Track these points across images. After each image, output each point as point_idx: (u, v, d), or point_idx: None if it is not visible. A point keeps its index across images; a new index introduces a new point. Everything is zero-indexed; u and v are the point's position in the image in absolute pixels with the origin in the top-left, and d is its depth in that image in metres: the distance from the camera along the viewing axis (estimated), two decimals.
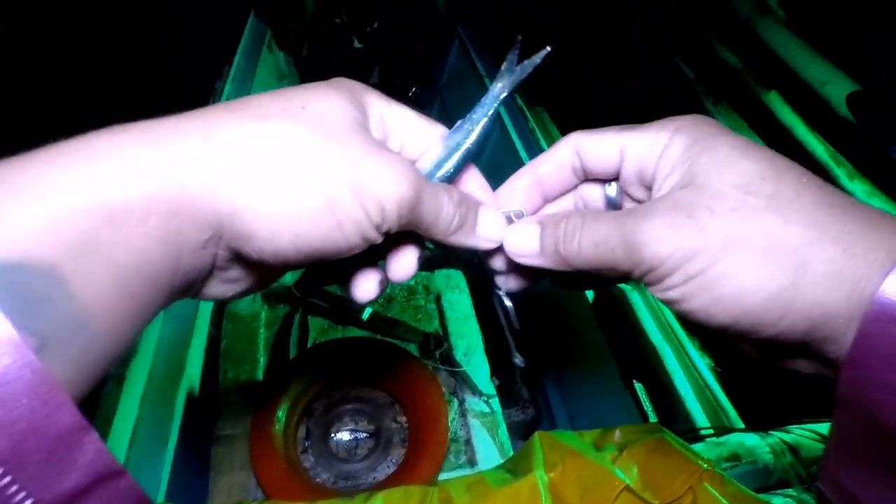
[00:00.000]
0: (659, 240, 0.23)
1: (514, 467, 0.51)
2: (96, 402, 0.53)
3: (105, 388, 0.54)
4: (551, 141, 1.09)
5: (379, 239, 0.24)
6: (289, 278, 1.04)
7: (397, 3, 1.30)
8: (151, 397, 0.58)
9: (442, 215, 0.26)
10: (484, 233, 0.29)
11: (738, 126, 1.09)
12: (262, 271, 0.25)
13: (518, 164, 1.07)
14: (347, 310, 0.80)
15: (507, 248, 0.29)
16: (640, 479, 0.47)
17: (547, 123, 1.17)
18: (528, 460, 0.50)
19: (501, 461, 0.70)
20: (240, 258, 0.23)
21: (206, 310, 0.75)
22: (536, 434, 0.53)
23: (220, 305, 0.80)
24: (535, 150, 1.07)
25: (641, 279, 0.25)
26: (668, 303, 0.24)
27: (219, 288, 0.25)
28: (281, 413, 0.64)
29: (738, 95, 1.15)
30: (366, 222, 0.22)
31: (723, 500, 0.44)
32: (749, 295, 0.22)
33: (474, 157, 0.30)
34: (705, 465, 0.46)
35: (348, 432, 0.70)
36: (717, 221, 0.22)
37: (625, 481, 0.46)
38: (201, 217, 0.20)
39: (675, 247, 0.23)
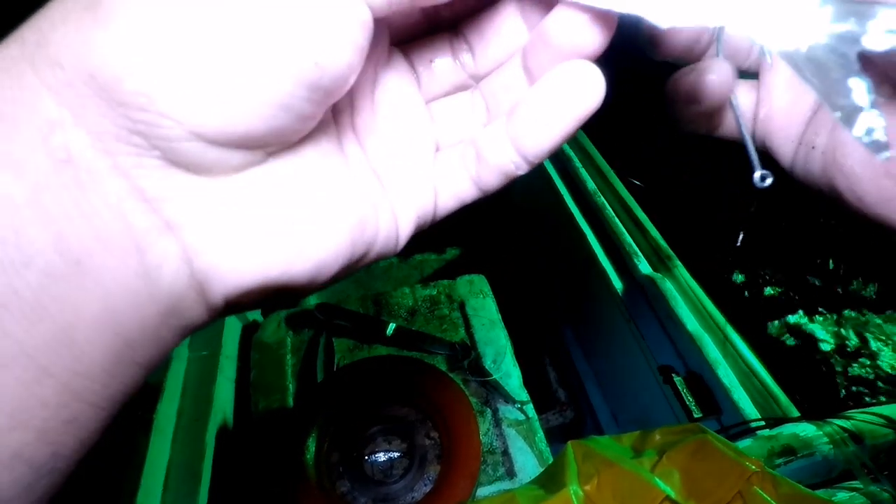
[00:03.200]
0: None
1: (547, 482, 0.48)
2: (127, 450, 0.54)
3: (135, 434, 0.55)
4: None
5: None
6: (312, 300, 1.04)
7: None
8: (182, 437, 0.59)
9: None
10: None
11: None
12: None
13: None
14: (371, 327, 0.79)
15: None
16: (683, 486, 0.43)
17: None
18: (560, 474, 0.47)
19: (541, 470, 0.68)
20: None
21: (231, 341, 0.76)
22: (569, 444, 0.50)
23: (248, 336, 0.80)
24: None
25: None
26: None
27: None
28: (311, 441, 0.64)
29: None
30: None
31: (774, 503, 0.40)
32: None
33: None
34: (754, 467, 0.42)
35: (382, 453, 0.69)
36: None
37: (665, 491, 0.42)
38: None
39: None
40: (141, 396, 0.57)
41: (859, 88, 0.15)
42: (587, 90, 0.17)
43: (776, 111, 0.23)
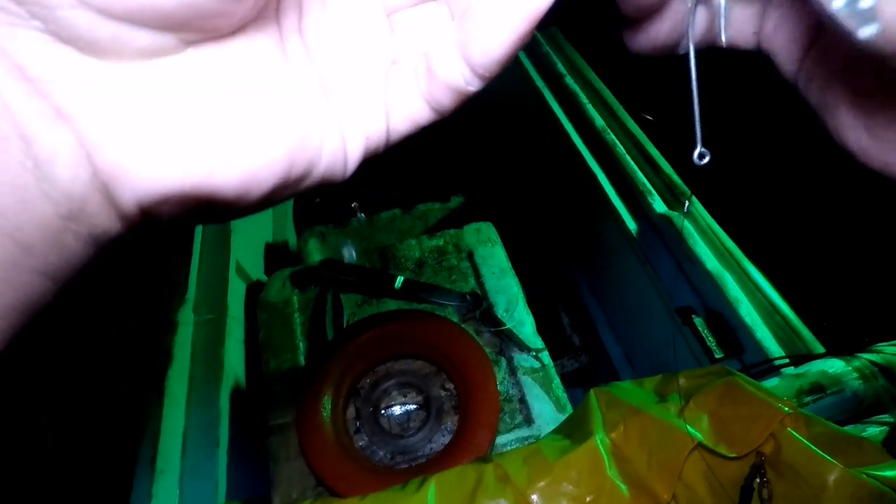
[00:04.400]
0: None
1: (572, 431, 0.48)
2: (142, 417, 0.53)
3: (148, 402, 0.54)
4: (568, 63, 0.99)
5: None
6: (317, 257, 1.02)
7: None
8: (196, 400, 0.58)
9: None
10: None
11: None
12: None
13: (534, 92, 0.99)
14: (379, 281, 0.77)
15: None
16: (712, 431, 0.42)
17: (563, 44, 1.06)
18: (586, 422, 0.46)
19: (559, 416, 0.67)
20: None
21: (237, 302, 0.74)
22: (592, 391, 0.49)
23: (253, 296, 0.78)
24: (551, 76, 0.98)
25: None
26: None
27: None
28: (326, 399, 0.63)
29: None
30: None
31: (809, 445, 0.39)
32: None
33: None
34: (787, 409, 0.41)
35: (398, 406, 0.68)
36: None
37: (696, 437, 0.41)
38: None
39: None
40: (150, 364, 0.55)
41: None
42: None
43: (778, 29, 0.19)
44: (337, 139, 0.18)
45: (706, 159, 0.20)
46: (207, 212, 0.16)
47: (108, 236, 0.15)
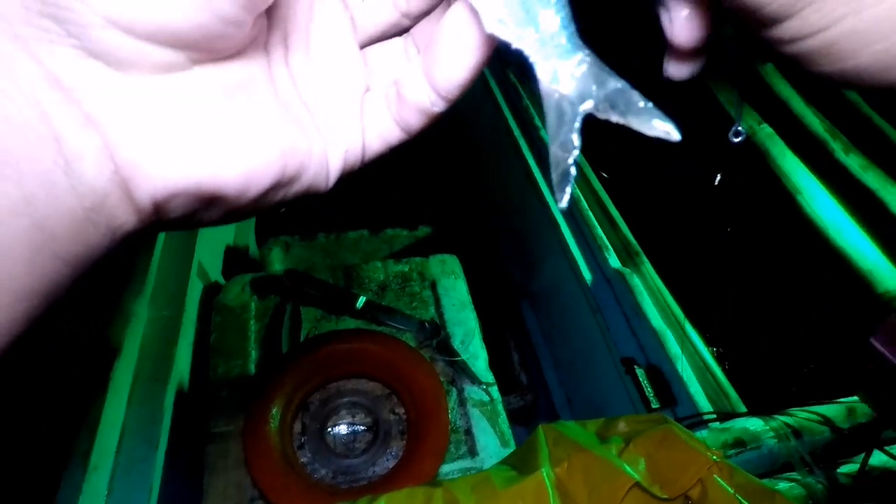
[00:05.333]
0: None
1: (519, 463, 0.50)
2: (81, 408, 0.50)
3: (90, 392, 0.51)
4: (539, 108, 1.05)
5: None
6: (278, 266, 1.01)
7: None
8: (139, 398, 0.56)
9: None
10: None
11: (733, 99, 1.06)
12: None
13: (512, 144, 1.04)
14: (341, 299, 0.77)
15: None
16: (648, 473, 0.46)
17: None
18: (533, 456, 0.49)
19: (502, 451, 0.69)
20: None
21: (192, 302, 0.72)
22: (540, 427, 0.52)
23: (209, 298, 0.77)
24: (528, 130, 1.04)
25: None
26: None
27: None
28: (275, 410, 0.62)
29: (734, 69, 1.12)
30: None
31: (731, 491, 0.43)
32: None
33: None
34: (715, 457, 0.45)
35: (345, 426, 0.68)
36: None
37: (633, 477, 0.45)
38: None
39: None
40: (97, 355, 0.53)
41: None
42: None
43: None
44: (322, 151, 0.20)
45: (741, 138, 0.22)
46: (211, 208, 0.18)
47: (124, 230, 0.17)
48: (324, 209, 1.05)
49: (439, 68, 0.19)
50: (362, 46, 0.23)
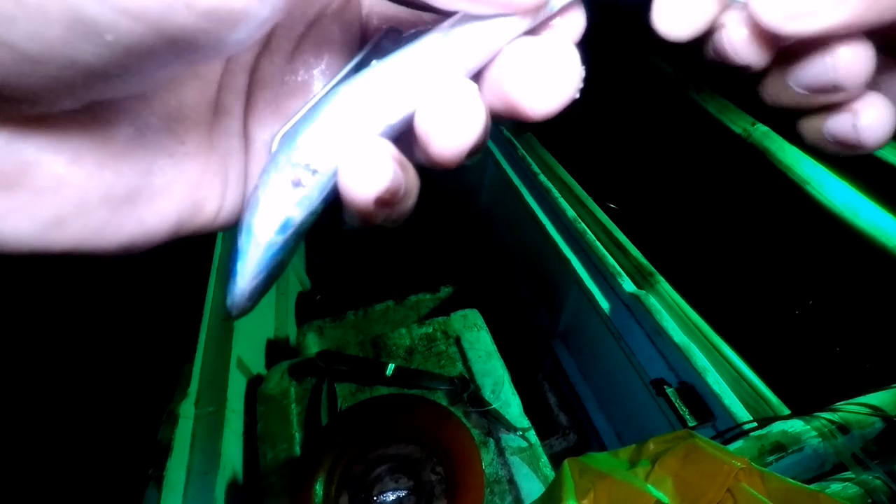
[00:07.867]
0: None
1: (547, 501, 0.50)
2: None
3: (145, 491, 0.56)
4: (543, 165, 1.10)
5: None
6: (313, 349, 1.06)
7: None
8: (192, 493, 0.60)
9: None
10: None
11: (725, 107, 1.08)
12: None
13: (515, 194, 1.09)
14: (371, 369, 0.81)
15: None
16: (676, 491, 0.45)
17: (536, 148, 1.18)
18: (558, 491, 0.49)
19: None
20: None
21: (236, 396, 0.78)
22: (566, 462, 0.52)
23: (253, 389, 0.82)
24: (528, 177, 1.09)
25: None
26: None
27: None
28: (318, 487, 0.65)
29: (721, 81, 1.14)
30: None
31: (762, 498, 0.42)
32: None
33: None
34: (739, 464, 0.44)
35: (391, 493, 0.70)
36: None
37: (661, 498, 0.44)
38: None
39: None
40: (150, 454, 0.58)
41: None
42: None
43: None
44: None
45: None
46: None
47: None
48: (350, 289, 1.11)
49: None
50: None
